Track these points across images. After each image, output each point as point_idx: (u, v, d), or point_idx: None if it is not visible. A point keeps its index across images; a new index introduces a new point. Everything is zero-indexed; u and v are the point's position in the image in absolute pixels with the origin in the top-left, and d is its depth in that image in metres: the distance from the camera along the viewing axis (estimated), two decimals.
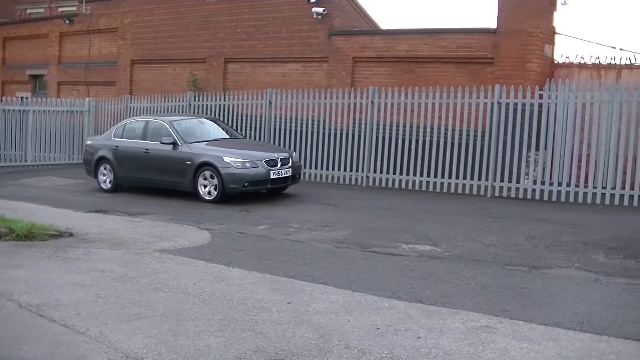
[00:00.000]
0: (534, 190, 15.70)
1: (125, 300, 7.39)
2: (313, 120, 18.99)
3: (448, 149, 16.75)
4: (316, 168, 18.97)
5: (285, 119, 19.37)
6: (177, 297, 7.54)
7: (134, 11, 26.02)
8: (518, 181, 15.91)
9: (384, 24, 45.32)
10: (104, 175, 17.55)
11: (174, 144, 16.02)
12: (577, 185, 15.16)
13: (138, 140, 17.00)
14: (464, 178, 16.47)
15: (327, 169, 18.78)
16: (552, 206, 14.67)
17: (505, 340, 6.19)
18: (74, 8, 30.07)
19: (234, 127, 20.34)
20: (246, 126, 20.38)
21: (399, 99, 17.59)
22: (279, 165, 15.50)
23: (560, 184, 15.38)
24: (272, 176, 15.29)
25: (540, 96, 15.73)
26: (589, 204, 14.79)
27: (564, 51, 29.56)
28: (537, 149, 15.79)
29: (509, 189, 16.02)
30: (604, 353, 5.88)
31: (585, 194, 15.05)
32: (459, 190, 16.52)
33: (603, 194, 14.84)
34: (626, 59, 16.57)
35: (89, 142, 18.69)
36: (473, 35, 18.15)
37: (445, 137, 16.86)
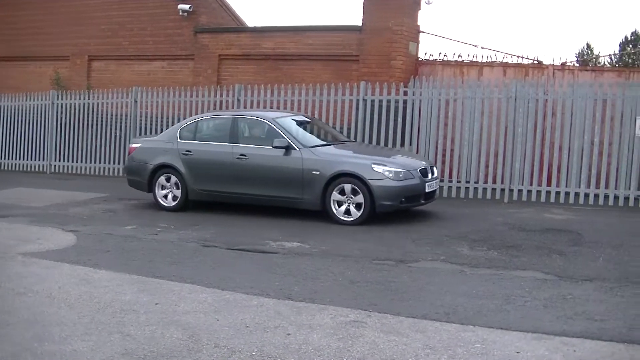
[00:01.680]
0: None
1: None
2: (179, 119, 18.76)
3: None
4: None
5: (151, 117, 19.11)
6: (42, 302, 7.32)
7: None
8: None
9: (251, 21, 45.33)
10: (165, 188, 13.87)
11: (287, 148, 12.68)
12: (441, 180, 15.50)
13: (224, 143, 13.42)
14: None
15: None
16: None
17: (374, 334, 6.28)
18: None
19: (100, 127, 20.02)
20: (112, 125, 19.98)
21: (265, 96, 17.59)
22: (429, 176, 12.74)
23: None
24: (426, 189, 12.55)
25: (405, 93, 16.03)
26: (454, 198, 15.20)
27: (428, 49, 30.39)
28: (402, 144, 16.08)
29: None
30: (469, 342, 6.04)
31: (449, 188, 15.46)
32: None
33: (467, 188, 15.29)
34: (487, 57, 17.13)
35: (137, 145, 14.59)
36: (339, 33, 18.31)
37: None
